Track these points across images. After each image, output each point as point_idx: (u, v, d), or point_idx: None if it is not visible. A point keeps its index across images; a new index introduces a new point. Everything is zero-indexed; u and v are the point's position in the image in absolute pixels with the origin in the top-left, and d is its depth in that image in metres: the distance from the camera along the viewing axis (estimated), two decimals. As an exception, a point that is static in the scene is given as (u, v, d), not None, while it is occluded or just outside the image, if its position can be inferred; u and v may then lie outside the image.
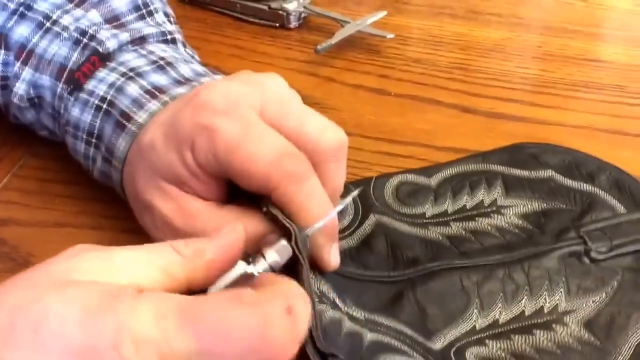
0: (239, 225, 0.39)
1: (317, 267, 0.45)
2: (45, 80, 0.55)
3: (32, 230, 0.55)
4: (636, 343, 0.45)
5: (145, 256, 0.35)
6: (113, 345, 0.30)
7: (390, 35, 0.77)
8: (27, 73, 0.55)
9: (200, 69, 0.54)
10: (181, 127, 0.45)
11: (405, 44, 0.80)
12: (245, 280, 0.37)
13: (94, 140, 0.52)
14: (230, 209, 0.46)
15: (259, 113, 0.45)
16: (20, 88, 0.55)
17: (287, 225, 0.41)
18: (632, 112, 0.69)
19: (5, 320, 0.31)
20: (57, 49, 0.55)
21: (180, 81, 0.52)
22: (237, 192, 0.46)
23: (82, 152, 0.53)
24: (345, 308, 0.44)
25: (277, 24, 0.82)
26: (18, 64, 0.55)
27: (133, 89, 0.51)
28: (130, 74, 0.52)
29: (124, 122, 0.50)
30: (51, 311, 0.30)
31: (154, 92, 0.51)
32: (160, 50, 0.55)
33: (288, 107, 0.46)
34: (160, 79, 0.52)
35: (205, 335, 0.31)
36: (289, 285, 0.35)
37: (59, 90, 0.54)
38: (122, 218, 0.54)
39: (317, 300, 0.40)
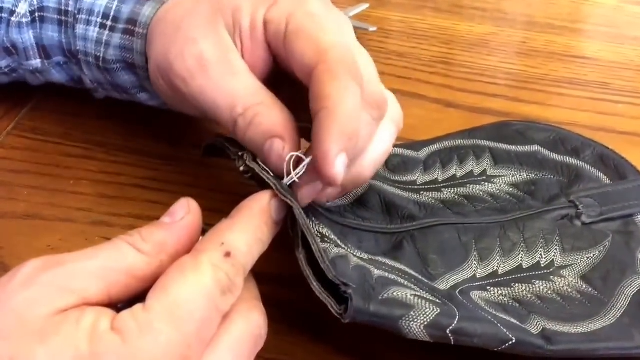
0: (192, 203, 0.39)
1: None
2: None
3: (0, 222, 0.54)
4: (631, 294, 0.48)
5: (107, 262, 0.35)
6: None
7: (373, 29, 0.78)
8: None
9: None
10: None
11: (388, 37, 0.80)
12: None
13: (109, 22, 0.54)
14: (264, 88, 0.46)
15: None
16: (22, 8, 0.57)
17: (265, 177, 0.42)
18: (616, 110, 0.71)
19: None
20: None
21: None
22: None
23: (94, 38, 0.55)
24: (349, 250, 0.45)
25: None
26: None
27: None
28: None
29: None
30: None
31: None
32: None
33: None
34: None
35: (196, 315, 0.33)
36: (218, 232, 0.38)
37: None
38: (92, 210, 0.55)
39: (319, 239, 0.41)
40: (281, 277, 0.40)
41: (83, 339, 0.32)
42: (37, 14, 0.57)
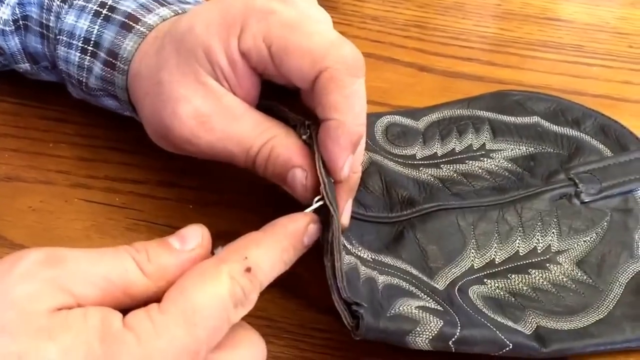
0: (205, 233, 0.39)
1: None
2: None
3: (-18, 184, 0.57)
4: (625, 282, 0.50)
5: (108, 274, 0.35)
6: None
7: (348, -9, 0.79)
8: None
9: None
10: (232, 11, 0.45)
11: (363, 0, 0.82)
12: None
13: (90, 47, 0.53)
14: (271, 119, 0.46)
15: None
16: (5, 13, 0.56)
17: (322, 180, 0.43)
18: (590, 73, 0.73)
19: None
20: None
21: (184, 0, 0.54)
22: None
23: (76, 62, 0.54)
24: (353, 249, 0.47)
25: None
26: None
27: None
28: None
29: (131, 23, 0.51)
30: None
31: (162, 1, 0.52)
32: None
33: None
34: None
35: (208, 323, 0.34)
36: (244, 245, 0.38)
37: (46, 1, 0.55)
38: (71, 173, 0.58)
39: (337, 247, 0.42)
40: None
41: (94, 337, 0.32)
42: (20, 22, 0.57)
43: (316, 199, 0.43)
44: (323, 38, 0.44)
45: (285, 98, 0.46)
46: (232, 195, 0.56)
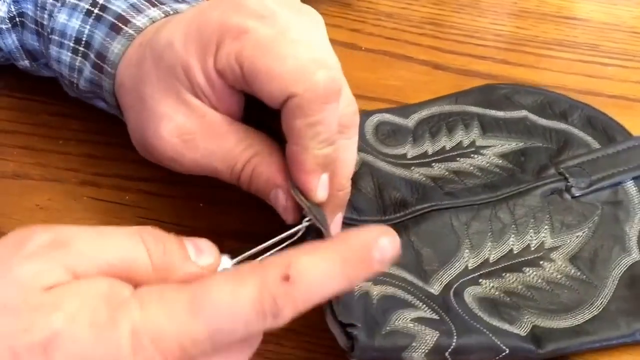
0: (217, 257, 0.37)
1: None
2: None
3: (-10, 181, 0.56)
4: (619, 276, 0.50)
5: (114, 259, 0.34)
6: (133, 351, 0.31)
7: (363, -13, 0.78)
8: None
9: None
10: (207, 28, 0.44)
11: None
12: None
13: (81, 48, 0.52)
14: (255, 133, 0.46)
15: None
16: (1, 10, 0.56)
17: (303, 205, 0.43)
18: (605, 72, 0.72)
19: (4, 351, 0.30)
20: None
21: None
22: None
23: (67, 62, 0.53)
24: None
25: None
26: None
27: None
28: None
29: (120, 25, 0.50)
30: (60, 334, 0.31)
31: (154, 1, 0.52)
32: None
33: None
34: None
35: (214, 320, 0.32)
36: (294, 252, 0.34)
37: None
38: (80, 170, 0.57)
39: None
40: (266, 237, 0.42)
41: (100, 301, 0.32)
42: (17, 19, 0.56)
43: (306, 218, 0.43)
44: (296, 62, 0.42)
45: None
46: (242, 194, 0.55)
